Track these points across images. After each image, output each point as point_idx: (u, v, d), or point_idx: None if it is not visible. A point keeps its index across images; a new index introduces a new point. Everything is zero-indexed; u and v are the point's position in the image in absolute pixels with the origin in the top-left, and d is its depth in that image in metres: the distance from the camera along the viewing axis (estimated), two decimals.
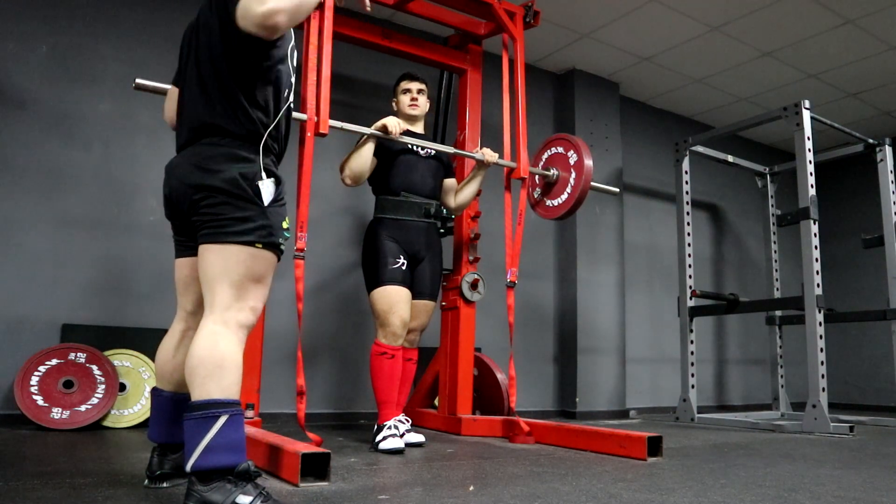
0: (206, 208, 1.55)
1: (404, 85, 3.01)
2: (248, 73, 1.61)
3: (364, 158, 2.73)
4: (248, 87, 1.61)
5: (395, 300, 2.68)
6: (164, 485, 1.71)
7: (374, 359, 2.69)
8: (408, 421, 2.73)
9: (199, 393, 1.45)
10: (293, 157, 2.76)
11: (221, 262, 1.53)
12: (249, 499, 1.40)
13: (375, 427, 2.65)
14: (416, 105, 2.98)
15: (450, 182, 3.11)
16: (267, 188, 1.58)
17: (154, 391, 1.79)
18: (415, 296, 2.83)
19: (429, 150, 2.97)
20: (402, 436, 2.60)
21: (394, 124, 2.69)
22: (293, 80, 1.76)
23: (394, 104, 3.08)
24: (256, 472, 1.46)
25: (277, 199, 1.60)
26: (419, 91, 2.99)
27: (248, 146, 1.60)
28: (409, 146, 2.90)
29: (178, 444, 1.72)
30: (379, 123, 2.71)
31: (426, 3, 3.33)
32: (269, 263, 1.61)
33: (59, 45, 3.22)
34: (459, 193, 3.08)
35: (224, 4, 1.57)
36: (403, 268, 2.75)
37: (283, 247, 1.63)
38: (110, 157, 3.26)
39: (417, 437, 2.70)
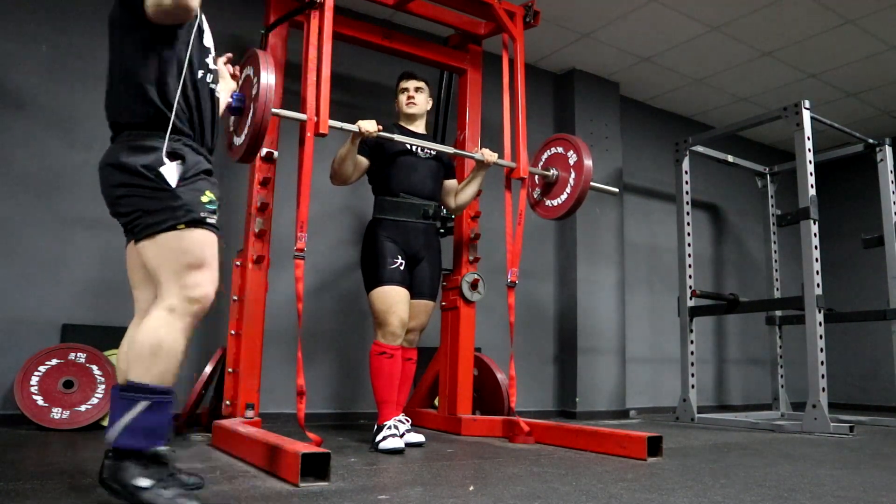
0: (122, 207, 1.58)
1: (402, 84, 3.02)
2: (145, 57, 1.61)
3: (346, 161, 2.71)
4: (146, 73, 1.61)
5: (393, 300, 2.68)
6: None
7: (373, 358, 2.70)
8: (408, 421, 2.73)
9: (132, 374, 1.50)
10: (293, 158, 2.77)
11: (154, 253, 1.55)
12: (150, 482, 1.43)
13: (375, 427, 2.66)
14: (413, 103, 2.97)
15: (450, 183, 3.11)
16: (170, 171, 1.55)
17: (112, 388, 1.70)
18: (414, 296, 2.83)
19: (428, 151, 2.97)
20: (401, 436, 2.60)
21: (366, 126, 2.62)
22: (209, 58, 1.75)
23: (396, 105, 3.08)
24: (172, 457, 1.51)
25: (185, 177, 1.57)
26: (416, 89, 2.99)
27: (151, 134, 1.59)
28: (409, 147, 2.89)
29: None
30: (355, 126, 2.63)
31: (426, 3, 3.33)
32: (201, 242, 1.58)
33: (59, 45, 3.22)
34: (460, 194, 3.08)
35: None
36: (402, 268, 2.75)
37: (211, 219, 1.60)
38: None
39: (417, 437, 2.70)
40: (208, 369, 2.87)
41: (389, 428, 2.58)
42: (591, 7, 3.97)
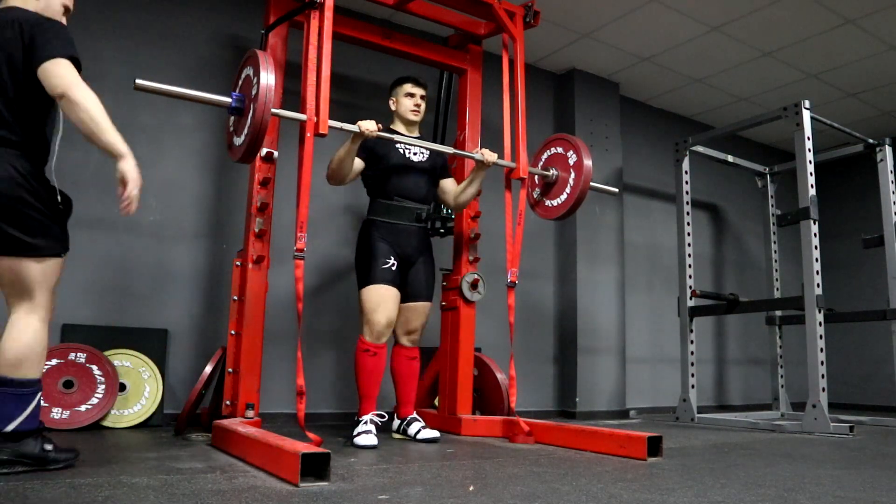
0: None
1: (409, 88, 3.02)
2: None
3: (345, 162, 2.73)
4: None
5: (382, 299, 2.76)
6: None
7: (357, 355, 2.80)
8: (420, 420, 2.90)
9: (27, 373, 1.84)
10: (293, 157, 2.77)
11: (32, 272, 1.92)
12: (51, 446, 1.89)
13: (354, 419, 2.77)
14: (417, 112, 3.02)
15: (447, 182, 3.13)
16: None
17: None
18: (411, 298, 2.91)
19: (422, 156, 3.00)
20: (416, 434, 2.82)
21: (366, 126, 2.62)
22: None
23: (391, 104, 3.07)
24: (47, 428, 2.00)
25: None
26: (422, 97, 3.03)
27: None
28: (402, 152, 2.94)
29: None
30: (355, 126, 2.63)
31: (426, 3, 3.33)
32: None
33: None
34: (460, 195, 3.09)
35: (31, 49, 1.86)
36: (394, 268, 2.83)
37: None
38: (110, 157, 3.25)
39: (432, 433, 2.84)
40: (208, 369, 2.87)
41: (366, 423, 2.69)
42: (591, 7, 3.97)
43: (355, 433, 2.65)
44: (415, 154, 2.98)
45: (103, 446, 2.45)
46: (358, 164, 2.84)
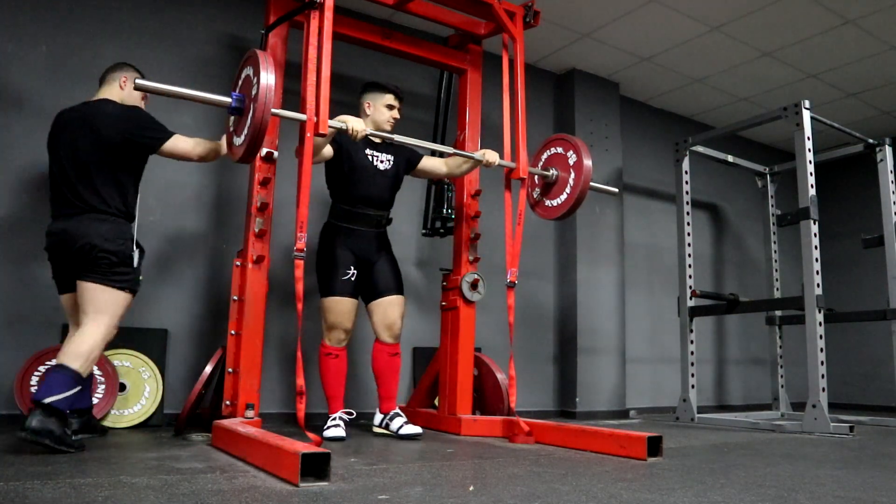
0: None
1: (391, 101, 3.07)
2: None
3: (319, 144, 2.73)
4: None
5: (341, 311, 2.92)
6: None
7: (322, 359, 2.96)
8: (402, 416, 3.01)
9: (78, 366, 2.29)
10: (293, 157, 2.76)
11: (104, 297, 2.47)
12: (69, 432, 2.26)
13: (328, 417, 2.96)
14: (393, 124, 3.08)
15: (427, 162, 3.22)
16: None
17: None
18: (382, 293, 3.04)
19: (388, 164, 3.07)
20: (398, 429, 2.93)
21: (358, 128, 2.64)
22: None
23: (366, 107, 3.05)
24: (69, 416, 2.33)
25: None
26: (399, 109, 3.11)
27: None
28: (370, 159, 3.02)
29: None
30: (342, 121, 2.62)
31: (426, 3, 3.33)
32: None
33: (59, 45, 3.22)
34: (457, 168, 3.19)
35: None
36: (353, 279, 2.95)
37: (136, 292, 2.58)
38: None
39: (414, 429, 2.92)
40: (208, 369, 2.87)
41: (335, 420, 2.89)
42: (591, 7, 3.97)
43: (325, 427, 2.84)
44: (380, 162, 3.06)
45: (103, 446, 2.45)
46: (328, 150, 2.89)
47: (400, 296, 3.08)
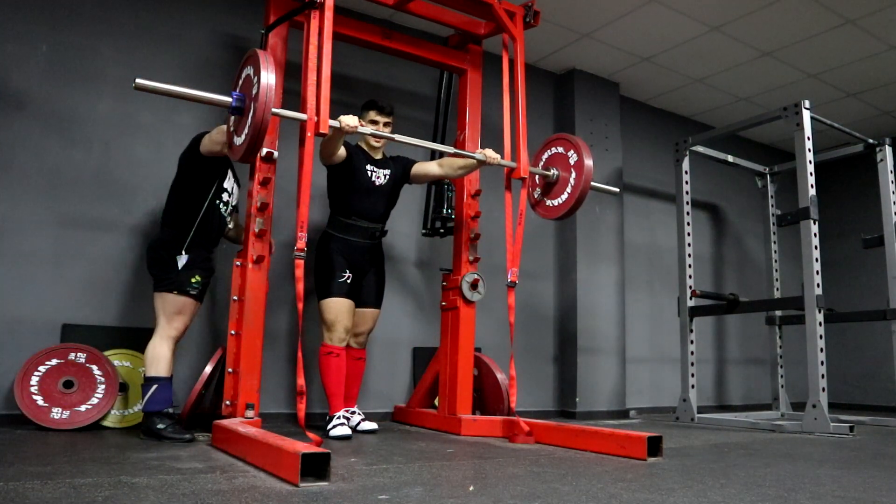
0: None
1: (372, 115, 3.14)
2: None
3: (329, 144, 2.87)
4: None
5: (341, 311, 3.03)
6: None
7: (322, 358, 3.03)
8: (360, 413, 3.15)
9: (149, 371, 2.72)
10: (293, 158, 2.77)
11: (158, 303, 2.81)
12: (164, 424, 2.64)
13: (327, 417, 3.00)
14: (379, 141, 3.16)
15: (421, 166, 3.27)
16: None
17: None
18: (361, 304, 3.17)
19: (384, 179, 3.17)
20: (356, 425, 3.05)
21: (351, 123, 2.68)
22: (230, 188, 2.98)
23: (360, 124, 3.06)
24: (170, 413, 2.69)
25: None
26: (386, 125, 3.15)
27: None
28: (367, 173, 3.12)
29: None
30: (336, 120, 2.65)
31: (426, 3, 3.33)
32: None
33: (59, 45, 3.21)
34: (459, 168, 3.19)
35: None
36: (349, 281, 3.08)
37: (192, 291, 2.81)
38: (110, 157, 3.26)
39: (371, 425, 3.07)
40: (208, 369, 2.87)
41: (339, 418, 2.94)
42: (591, 7, 3.97)
43: (330, 426, 2.88)
44: (378, 178, 3.16)
45: (103, 446, 2.45)
46: (342, 152, 2.99)
47: (377, 310, 3.25)
